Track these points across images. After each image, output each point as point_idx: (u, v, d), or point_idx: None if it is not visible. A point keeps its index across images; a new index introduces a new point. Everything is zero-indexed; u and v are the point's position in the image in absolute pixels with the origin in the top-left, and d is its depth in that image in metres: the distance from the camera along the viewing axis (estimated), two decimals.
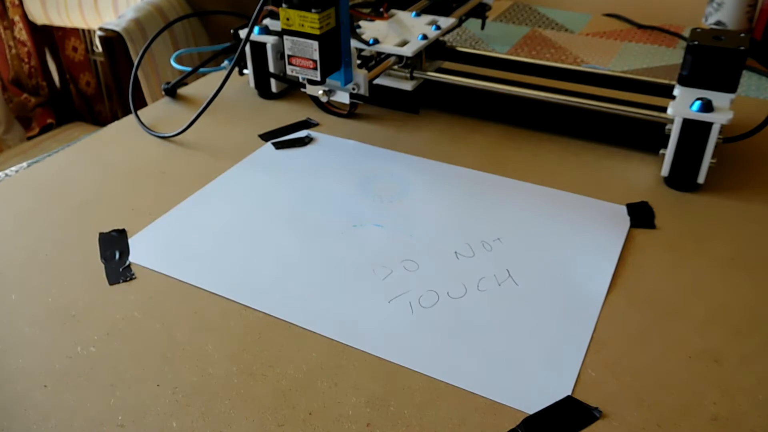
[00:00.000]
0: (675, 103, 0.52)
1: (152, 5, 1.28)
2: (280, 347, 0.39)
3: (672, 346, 0.39)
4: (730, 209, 0.52)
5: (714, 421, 0.34)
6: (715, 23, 0.88)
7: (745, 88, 0.75)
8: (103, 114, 1.90)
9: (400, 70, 0.65)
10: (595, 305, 0.42)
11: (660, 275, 0.45)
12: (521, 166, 0.57)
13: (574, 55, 0.85)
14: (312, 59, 0.53)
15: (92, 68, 1.85)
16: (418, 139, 0.62)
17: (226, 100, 0.70)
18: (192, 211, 0.52)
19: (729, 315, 0.41)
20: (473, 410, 0.35)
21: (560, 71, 0.65)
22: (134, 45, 1.21)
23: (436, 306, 0.42)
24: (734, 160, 0.58)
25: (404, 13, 0.68)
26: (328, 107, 0.66)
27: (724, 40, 0.52)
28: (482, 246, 0.47)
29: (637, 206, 0.52)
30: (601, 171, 0.57)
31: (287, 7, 0.52)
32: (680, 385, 0.37)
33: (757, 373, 0.37)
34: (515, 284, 0.44)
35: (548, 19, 0.99)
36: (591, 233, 0.49)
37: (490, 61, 0.68)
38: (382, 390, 0.36)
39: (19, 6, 1.67)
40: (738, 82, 0.53)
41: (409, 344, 0.39)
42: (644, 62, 0.83)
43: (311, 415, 0.35)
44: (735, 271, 0.45)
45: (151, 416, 0.35)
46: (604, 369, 0.38)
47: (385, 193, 0.54)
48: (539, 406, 0.35)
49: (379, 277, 0.44)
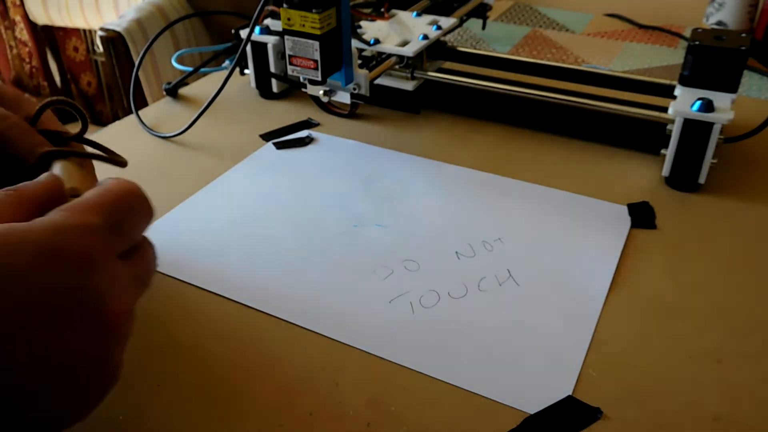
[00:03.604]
0: (676, 103, 0.52)
1: (153, 5, 1.28)
2: (280, 347, 0.39)
3: (673, 346, 0.39)
4: (731, 209, 0.52)
5: (715, 421, 0.34)
6: (716, 23, 0.88)
7: (746, 88, 0.75)
8: (104, 114, 1.91)
9: (401, 70, 0.65)
10: (596, 305, 0.42)
11: (661, 275, 0.45)
12: (522, 166, 0.57)
13: (575, 55, 0.85)
14: (313, 59, 0.53)
15: (93, 68, 1.86)
16: (419, 139, 0.62)
17: (227, 100, 0.70)
18: (193, 210, 0.52)
19: (730, 315, 0.41)
20: (474, 410, 0.35)
21: (561, 71, 0.65)
22: (135, 45, 1.21)
23: (437, 306, 0.42)
24: (735, 160, 0.58)
25: (405, 13, 0.68)
26: (329, 107, 0.66)
27: (725, 40, 0.52)
28: (483, 246, 0.47)
29: (638, 206, 0.52)
30: (602, 171, 0.57)
31: (288, 7, 0.52)
32: (681, 385, 0.37)
33: (758, 373, 0.37)
34: (516, 284, 0.44)
35: (549, 19, 0.99)
36: (592, 233, 0.49)
37: (491, 61, 0.68)
38: (382, 390, 0.36)
39: (21, 6, 1.67)
40: (739, 82, 0.53)
41: (409, 344, 0.39)
42: (645, 62, 0.83)
43: (311, 415, 0.35)
44: (736, 271, 0.45)
45: (151, 416, 0.35)
46: (605, 369, 0.38)
47: (386, 193, 0.54)
48: (540, 406, 0.35)
49: (380, 277, 0.44)
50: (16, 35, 1.76)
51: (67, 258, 0.26)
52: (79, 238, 0.27)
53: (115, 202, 0.29)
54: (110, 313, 0.28)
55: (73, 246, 0.26)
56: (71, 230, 0.27)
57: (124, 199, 0.30)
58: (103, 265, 0.28)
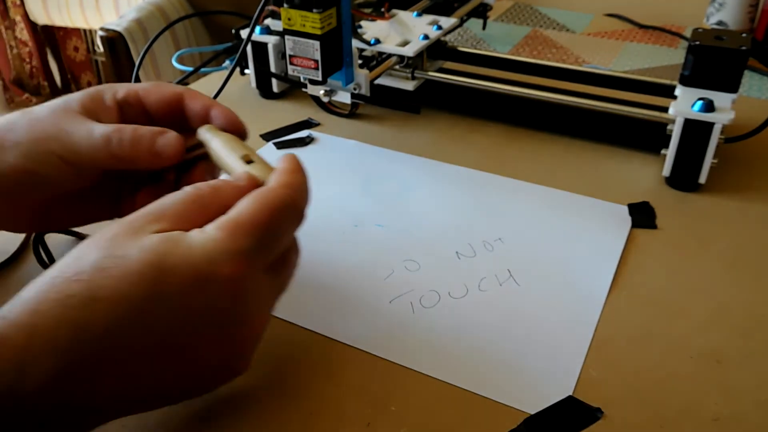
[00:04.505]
0: (676, 103, 0.52)
1: (154, 5, 1.28)
2: (280, 348, 0.39)
3: (673, 346, 0.39)
4: (731, 209, 0.52)
5: (716, 421, 0.34)
6: (716, 23, 0.88)
7: (746, 88, 0.75)
8: None
9: (402, 70, 0.65)
10: (597, 305, 0.42)
11: (661, 275, 0.45)
12: (522, 166, 0.57)
13: (575, 55, 0.85)
14: (313, 59, 0.53)
15: (93, 68, 1.86)
16: (420, 139, 0.62)
17: (228, 100, 0.69)
18: None
19: (731, 315, 0.41)
20: (474, 410, 0.35)
21: (561, 71, 0.65)
22: (135, 45, 1.21)
23: (438, 306, 0.42)
24: (736, 160, 0.58)
25: (405, 13, 0.68)
26: (330, 107, 0.66)
27: (726, 40, 0.52)
28: (483, 246, 0.47)
29: (639, 206, 0.52)
30: (603, 171, 0.57)
31: (288, 7, 0.52)
32: (682, 385, 0.37)
33: (759, 373, 0.37)
34: (516, 284, 0.44)
35: (549, 19, 0.99)
36: (592, 233, 0.49)
37: (491, 61, 0.68)
38: (383, 390, 0.36)
39: (21, 6, 1.68)
40: (739, 82, 0.53)
41: (410, 344, 0.39)
42: (646, 62, 0.83)
43: (312, 415, 0.35)
44: (737, 271, 0.45)
45: (152, 416, 0.35)
46: (606, 369, 0.38)
47: (386, 193, 0.54)
48: (540, 406, 0.35)
49: (381, 277, 0.44)
50: (16, 35, 1.76)
51: (218, 283, 0.29)
52: (231, 266, 0.29)
53: (269, 222, 0.31)
54: (251, 328, 0.32)
55: (225, 272, 0.29)
56: (225, 256, 0.29)
57: (279, 216, 0.32)
58: (249, 288, 0.31)
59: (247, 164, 0.36)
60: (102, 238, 0.30)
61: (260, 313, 0.32)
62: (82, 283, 0.28)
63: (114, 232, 0.30)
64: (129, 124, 0.38)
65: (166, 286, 0.28)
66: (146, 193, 0.40)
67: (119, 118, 0.39)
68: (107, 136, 0.37)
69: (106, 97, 0.39)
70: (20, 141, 0.37)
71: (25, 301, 0.28)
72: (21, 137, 0.37)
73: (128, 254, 0.29)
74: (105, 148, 0.36)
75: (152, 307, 0.28)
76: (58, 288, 0.28)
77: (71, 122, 0.37)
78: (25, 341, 0.27)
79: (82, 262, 0.29)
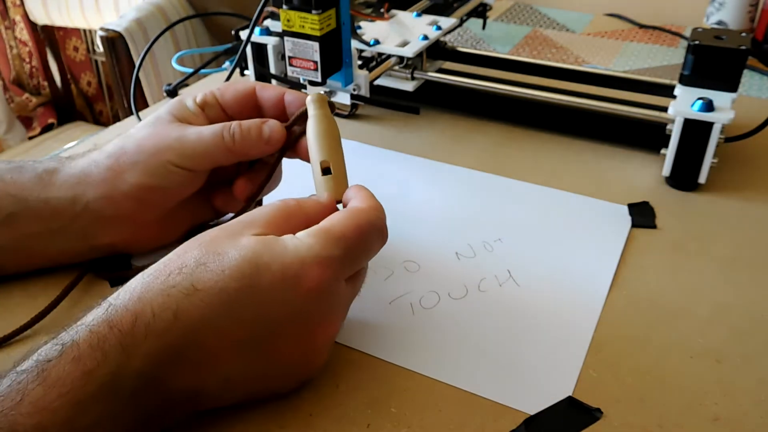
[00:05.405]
0: (676, 102, 0.52)
1: (154, 5, 1.28)
2: None
3: (673, 346, 0.39)
4: (731, 209, 0.52)
5: (716, 421, 0.34)
6: (716, 23, 0.88)
7: (746, 88, 0.75)
8: (104, 114, 1.91)
9: (401, 71, 0.65)
10: (596, 305, 0.42)
11: (661, 275, 0.45)
12: (522, 166, 0.57)
13: (575, 55, 0.85)
14: (313, 60, 0.53)
15: (93, 68, 1.85)
16: (419, 139, 0.62)
17: None
18: None
19: (730, 315, 0.41)
20: (474, 411, 0.35)
21: (561, 71, 0.65)
22: (136, 45, 1.21)
23: (438, 307, 0.42)
24: (735, 160, 0.58)
25: (405, 14, 0.68)
26: None
27: (726, 39, 0.52)
28: (483, 246, 0.47)
29: (638, 206, 0.52)
30: (602, 171, 0.57)
31: (288, 8, 0.52)
32: (681, 385, 0.37)
33: (759, 374, 0.37)
34: (516, 285, 0.44)
35: (549, 19, 0.99)
36: (592, 233, 0.49)
37: (491, 62, 0.68)
38: (383, 391, 0.36)
39: (21, 6, 1.67)
40: (739, 81, 0.53)
41: (410, 345, 0.39)
42: (645, 62, 0.83)
43: (312, 416, 0.35)
44: (736, 271, 0.45)
45: None
46: (605, 369, 0.38)
47: (386, 194, 0.54)
48: (540, 407, 0.35)
49: (380, 278, 0.44)
50: (16, 35, 1.76)
51: (305, 286, 0.32)
52: (319, 270, 0.32)
53: (358, 237, 0.34)
54: (329, 328, 0.35)
55: (313, 276, 0.32)
56: (314, 261, 0.32)
57: (368, 232, 0.35)
58: (333, 293, 0.33)
59: (323, 173, 0.39)
60: (203, 238, 0.33)
61: (337, 317, 0.35)
62: (184, 275, 0.31)
63: (214, 234, 0.33)
64: (233, 121, 0.41)
65: (259, 280, 0.31)
66: (244, 180, 0.44)
67: (205, 120, 0.42)
68: (218, 135, 0.40)
69: (188, 104, 0.43)
70: (137, 161, 0.40)
71: (131, 289, 0.31)
72: (136, 157, 0.40)
73: (227, 252, 0.32)
74: (219, 146, 0.40)
75: (245, 298, 0.31)
76: (163, 279, 0.31)
77: (177, 131, 0.41)
78: (130, 326, 0.29)
79: (185, 258, 0.32)
